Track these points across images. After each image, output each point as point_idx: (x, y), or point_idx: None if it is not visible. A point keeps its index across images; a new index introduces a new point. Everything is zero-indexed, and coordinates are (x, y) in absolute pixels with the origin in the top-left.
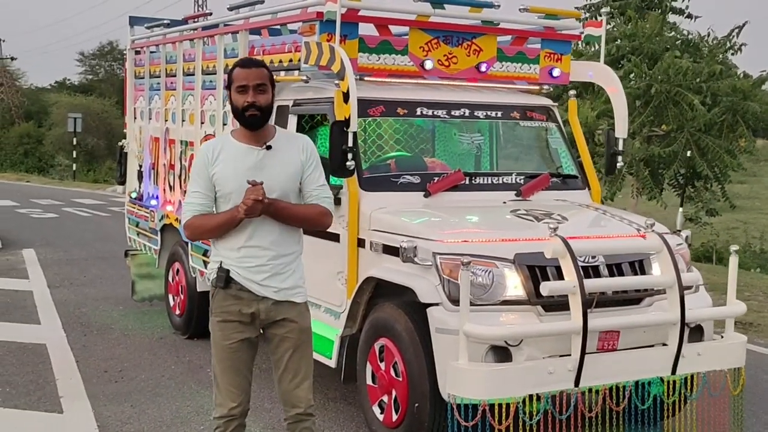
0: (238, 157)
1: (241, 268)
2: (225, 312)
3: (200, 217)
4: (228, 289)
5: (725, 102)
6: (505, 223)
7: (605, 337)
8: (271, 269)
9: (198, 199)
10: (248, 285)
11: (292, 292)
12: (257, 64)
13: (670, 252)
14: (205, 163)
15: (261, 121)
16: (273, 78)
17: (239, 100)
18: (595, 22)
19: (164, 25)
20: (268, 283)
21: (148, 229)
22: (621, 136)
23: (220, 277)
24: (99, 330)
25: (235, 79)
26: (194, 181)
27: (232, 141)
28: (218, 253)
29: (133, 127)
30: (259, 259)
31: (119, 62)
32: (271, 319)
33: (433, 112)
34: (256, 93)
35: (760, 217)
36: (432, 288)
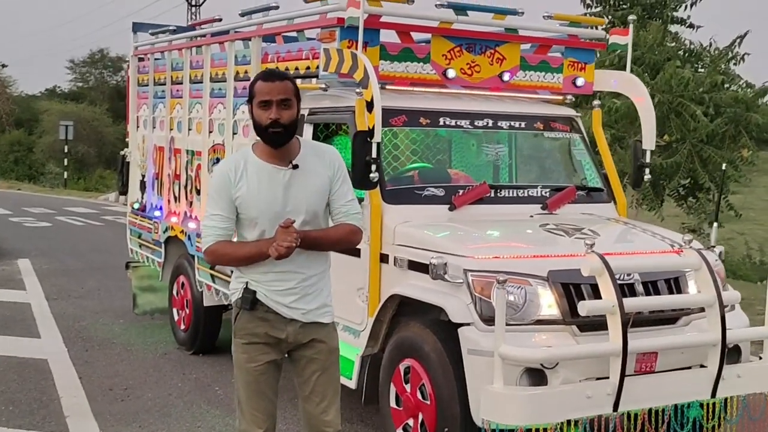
0: (261, 180)
1: (269, 291)
2: (251, 334)
3: (226, 245)
4: (254, 310)
5: (728, 113)
6: (535, 238)
7: (643, 359)
8: (300, 291)
9: (220, 222)
10: (276, 307)
11: (320, 312)
12: (281, 77)
13: (709, 269)
14: (227, 183)
15: (285, 139)
16: (299, 91)
17: (262, 116)
18: (621, 29)
19: (170, 32)
20: (296, 305)
21: (151, 240)
22: (648, 147)
23: (246, 298)
24: (100, 345)
25: (257, 93)
26: (215, 203)
27: (254, 159)
28: (243, 273)
29: (135, 136)
30: (289, 282)
31: (110, 69)
32: (299, 341)
33: (456, 122)
34: (280, 109)
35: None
36: (463, 307)
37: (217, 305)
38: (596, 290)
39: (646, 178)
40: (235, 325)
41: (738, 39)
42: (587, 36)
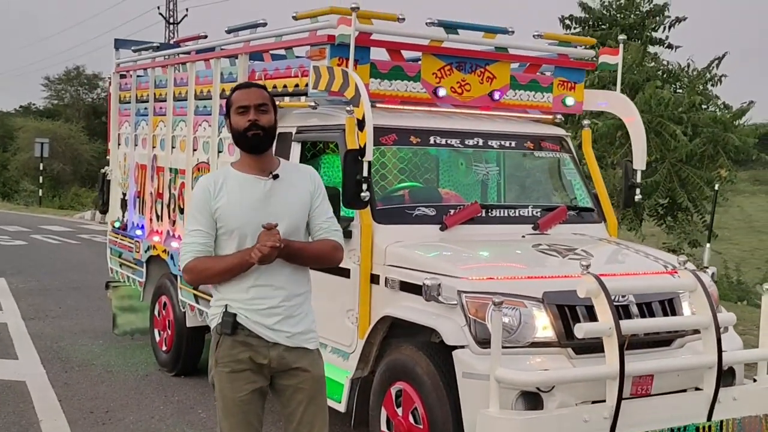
0: (243, 189)
1: (251, 311)
2: (234, 361)
3: (205, 260)
4: (235, 335)
5: (706, 133)
6: (529, 258)
7: (639, 382)
8: (284, 311)
9: (199, 238)
10: (258, 330)
11: (306, 338)
12: (257, 85)
13: (705, 290)
14: (206, 197)
15: (265, 143)
16: (275, 102)
17: (240, 121)
18: (611, 49)
19: (153, 48)
20: (280, 327)
21: (132, 260)
22: (639, 167)
23: (227, 322)
24: (80, 366)
25: (234, 102)
26: (194, 219)
27: (234, 173)
28: (222, 295)
29: (116, 154)
30: (271, 300)
31: (85, 87)
32: (283, 367)
33: (446, 141)
34: (258, 112)
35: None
36: (457, 329)
37: (200, 326)
38: (591, 312)
39: (637, 198)
40: (216, 354)
41: (716, 60)
42: (577, 55)
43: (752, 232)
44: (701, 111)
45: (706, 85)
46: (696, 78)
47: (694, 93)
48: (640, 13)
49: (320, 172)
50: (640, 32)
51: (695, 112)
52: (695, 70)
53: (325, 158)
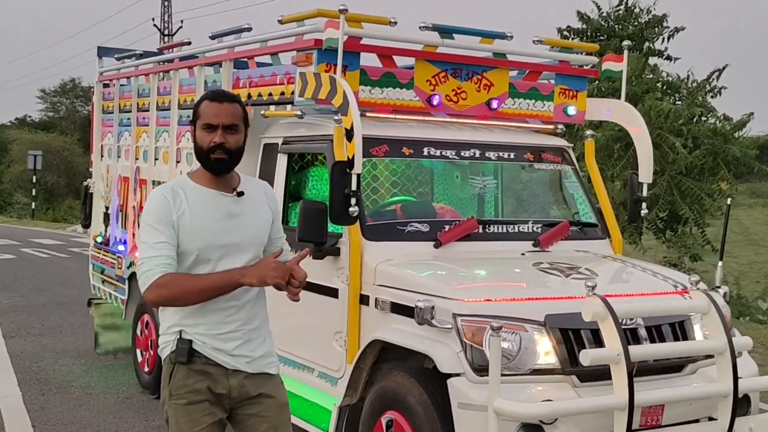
0: (206, 205)
1: (208, 337)
2: (191, 392)
3: (181, 276)
4: (191, 364)
5: (706, 145)
6: (529, 278)
7: (649, 412)
8: (244, 335)
9: (165, 250)
10: (217, 357)
11: (267, 362)
12: (230, 99)
13: (719, 313)
14: (166, 208)
15: (228, 166)
16: (247, 117)
17: (205, 139)
18: (615, 56)
19: (136, 56)
20: (239, 351)
21: (115, 276)
22: (645, 180)
23: (182, 350)
24: (58, 388)
25: (202, 115)
26: (155, 231)
27: (192, 185)
28: (175, 321)
29: (99, 166)
30: (231, 324)
31: (81, 99)
32: (244, 396)
33: (441, 153)
34: (226, 133)
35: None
36: (453, 355)
37: None
38: (597, 336)
39: (643, 212)
40: (169, 386)
41: (716, 72)
42: (579, 62)
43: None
44: (701, 123)
45: (706, 96)
46: (695, 90)
47: (693, 105)
48: (639, 24)
49: (308, 185)
50: (640, 43)
51: (695, 124)
52: (694, 82)
53: (313, 171)
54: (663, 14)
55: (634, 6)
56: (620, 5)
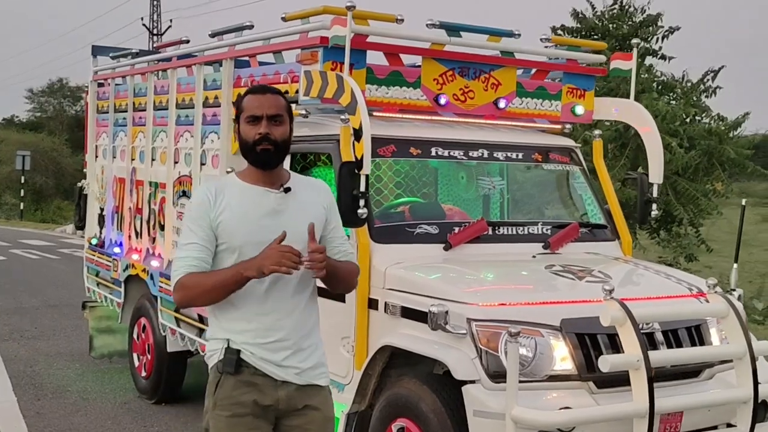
0: (249, 202)
1: (256, 346)
2: (236, 404)
3: (196, 275)
4: (239, 374)
5: (701, 145)
6: (543, 281)
7: (668, 419)
8: (293, 345)
9: (195, 251)
10: (265, 368)
11: (316, 373)
12: (273, 91)
13: (738, 317)
14: (205, 208)
15: (275, 159)
16: (291, 109)
17: (250, 132)
18: (624, 54)
19: (132, 55)
20: (288, 362)
21: (110, 279)
22: (656, 181)
23: (229, 360)
24: (54, 393)
25: (245, 108)
26: (190, 231)
27: (238, 182)
28: (221, 328)
29: (94, 167)
30: (278, 332)
31: (69, 99)
32: (291, 408)
33: (449, 153)
34: (271, 124)
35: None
36: (467, 361)
37: (182, 351)
38: (613, 341)
39: (654, 213)
40: (215, 396)
41: (711, 72)
42: (587, 61)
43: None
44: (696, 123)
45: (701, 96)
46: (690, 90)
47: (688, 105)
48: (633, 23)
49: None
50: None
51: (690, 124)
52: (689, 82)
53: (316, 171)
54: (657, 13)
55: (629, 5)
56: (614, 4)
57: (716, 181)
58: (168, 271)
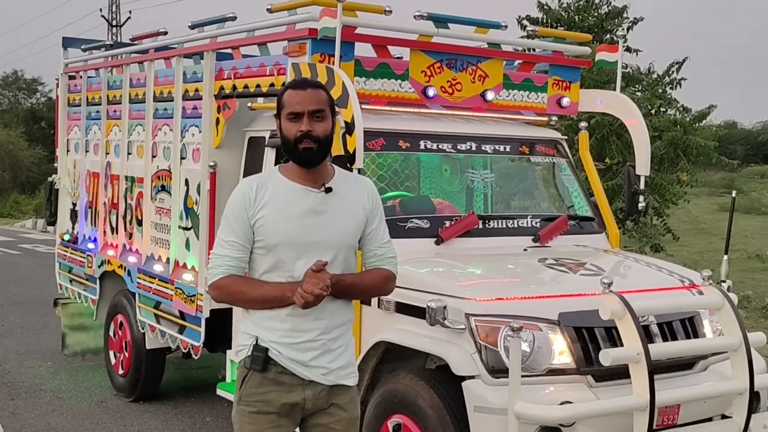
0: (289, 200)
1: (284, 346)
2: (261, 401)
3: (240, 281)
4: (266, 372)
5: (666, 136)
6: (537, 275)
7: (665, 412)
8: (322, 345)
9: (233, 251)
10: (292, 367)
11: (344, 373)
12: (314, 85)
13: (733, 308)
14: (245, 204)
15: (318, 156)
16: (334, 103)
17: (291, 129)
18: (610, 46)
19: (106, 47)
20: (316, 363)
21: (84, 275)
22: (643, 173)
23: (257, 357)
24: (28, 392)
25: (285, 104)
26: (229, 228)
27: (280, 178)
28: (252, 324)
29: (65, 161)
30: (309, 333)
31: (24, 92)
32: (317, 408)
33: (438, 146)
34: (312, 120)
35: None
36: (467, 357)
37: (161, 348)
38: (610, 334)
39: (641, 205)
40: (241, 390)
41: (675, 64)
42: (572, 53)
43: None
44: (661, 114)
45: (666, 88)
46: (656, 82)
47: (653, 97)
48: (599, 15)
49: None
50: (600, 35)
51: (655, 115)
52: (654, 73)
53: None
54: (623, 6)
55: None
56: None
57: (681, 171)
58: (146, 267)
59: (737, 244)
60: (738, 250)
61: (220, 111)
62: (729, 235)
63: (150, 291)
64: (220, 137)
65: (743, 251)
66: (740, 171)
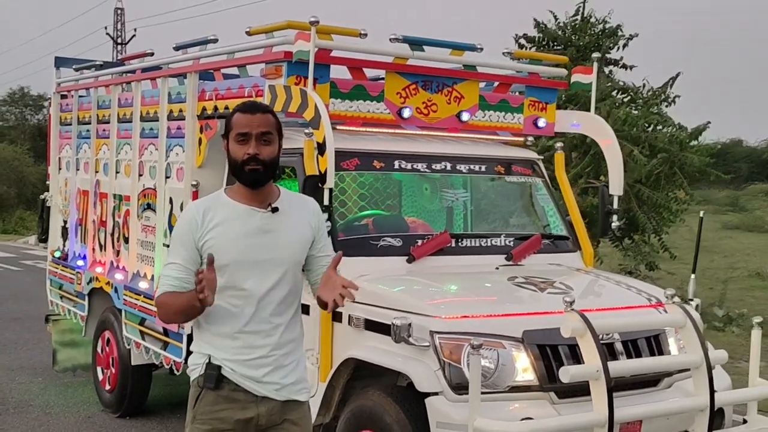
0: (236, 221)
1: (237, 363)
2: (215, 419)
3: (170, 296)
4: (219, 390)
5: (663, 153)
6: (505, 293)
7: (627, 428)
8: (274, 361)
9: (175, 272)
10: (245, 384)
11: (297, 389)
12: (263, 109)
13: (695, 327)
14: (191, 228)
15: (264, 178)
16: (281, 127)
17: (238, 151)
18: (584, 68)
19: (96, 67)
20: (269, 379)
21: (74, 292)
22: (616, 193)
23: (210, 375)
24: (16, 407)
25: (234, 126)
26: (174, 250)
27: (226, 201)
28: (205, 343)
29: (57, 179)
30: (261, 349)
31: (30, 108)
32: (271, 422)
33: (412, 166)
34: (260, 144)
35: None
36: (430, 374)
37: (146, 364)
38: (574, 351)
39: (614, 225)
40: (195, 409)
41: (670, 80)
42: (548, 74)
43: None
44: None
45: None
46: (651, 98)
47: (649, 113)
48: (594, 34)
49: None
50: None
51: (651, 132)
52: (650, 90)
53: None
54: (618, 25)
55: (590, 16)
56: (576, 15)
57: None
58: (133, 284)
59: (738, 262)
60: (739, 268)
61: (202, 131)
62: (696, 255)
63: (135, 308)
64: (203, 157)
65: (744, 269)
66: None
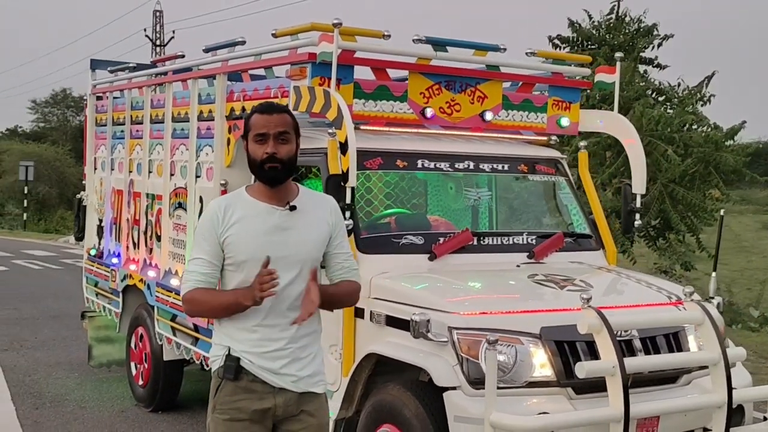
0: (255, 219)
1: (255, 355)
2: (234, 409)
3: (204, 292)
4: (238, 381)
5: (697, 153)
6: (525, 290)
7: (645, 424)
8: (291, 354)
9: (201, 267)
10: (263, 375)
11: (313, 381)
12: (279, 110)
13: (713, 324)
14: (214, 224)
15: (282, 176)
16: (298, 126)
17: (257, 151)
18: (608, 67)
19: (129, 69)
20: (286, 371)
21: (108, 289)
22: (639, 191)
23: (229, 367)
24: (52, 402)
25: (252, 127)
26: (198, 246)
27: (247, 198)
28: (225, 335)
29: (93, 179)
30: (278, 342)
31: (72, 110)
32: (288, 414)
33: (435, 165)
34: (278, 143)
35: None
36: (449, 369)
37: (178, 359)
38: (592, 348)
39: (637, 223)
40: (215, 399)
41: (705, 79)
42: (572, 74)
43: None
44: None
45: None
46: (687, 97)
47: (684, 112)
48: (629, 33)
49: None
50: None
51: (687, 131)
52: (685, 90)
53: (306, 184)
54: (653, 24)
55: (625, 15)
56: (611, 14)
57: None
58: (164, 281)
59: None
60: None
61: (230, 131)
62: (717, 253)
63: (167, 304)
64: (231, 156)
65: None
66: None
